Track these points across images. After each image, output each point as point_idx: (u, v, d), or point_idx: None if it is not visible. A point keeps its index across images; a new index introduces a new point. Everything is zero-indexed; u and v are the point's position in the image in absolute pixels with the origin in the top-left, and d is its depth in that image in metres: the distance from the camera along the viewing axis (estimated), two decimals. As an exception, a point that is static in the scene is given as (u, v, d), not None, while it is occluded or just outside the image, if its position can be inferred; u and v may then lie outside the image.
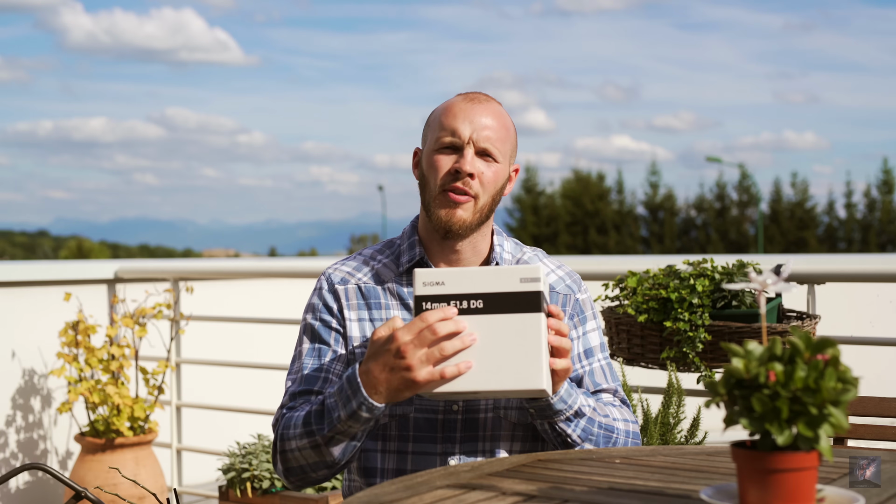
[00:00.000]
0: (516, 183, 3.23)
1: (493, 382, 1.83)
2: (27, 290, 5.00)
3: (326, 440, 1.99)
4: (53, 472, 2.46)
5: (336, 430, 1.96)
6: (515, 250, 2.25)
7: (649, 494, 1.61)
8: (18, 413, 4.87)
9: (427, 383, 1.83)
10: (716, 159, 42.70)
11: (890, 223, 48.24)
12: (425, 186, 2.16)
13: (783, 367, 1.34)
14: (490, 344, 1.83)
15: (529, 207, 50.92)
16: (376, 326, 2.13)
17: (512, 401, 2.11)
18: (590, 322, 2.24)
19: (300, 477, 2.08)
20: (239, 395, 5.52)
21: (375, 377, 1.88)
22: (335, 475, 2.09)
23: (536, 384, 1.83)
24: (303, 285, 5.73)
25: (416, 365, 1.83)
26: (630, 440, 2.14)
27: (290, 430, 2.04)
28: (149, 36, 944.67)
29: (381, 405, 1.91)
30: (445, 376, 1.83)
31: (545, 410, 1.99)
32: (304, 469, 2.06)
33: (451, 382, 1.83)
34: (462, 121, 2.11)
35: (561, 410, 1.99)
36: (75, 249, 71.11)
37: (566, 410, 2.00)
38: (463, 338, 1.83)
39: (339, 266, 2.23)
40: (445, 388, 1.84)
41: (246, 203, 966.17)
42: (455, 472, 1.79)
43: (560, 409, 1.99)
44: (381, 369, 1.87)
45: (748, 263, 3.24)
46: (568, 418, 2.01)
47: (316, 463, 2.03)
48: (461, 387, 1.83)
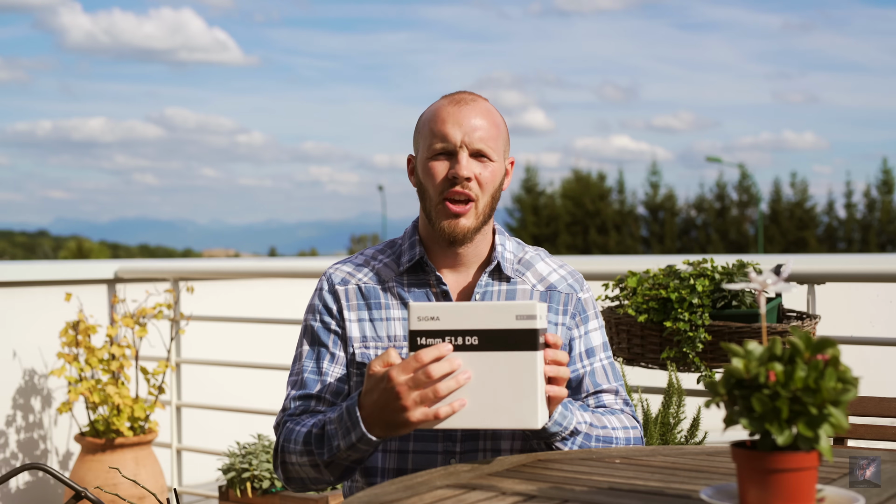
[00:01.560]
0: (517, 183, 3.25)
1: (489, 421, 1.83)
2: (27, 290, 5.00)
3: (326, 464, 2.01)
4: (53, 472, 2.46)
5: (336, 457, 1.98)
6: (517, 250, 2.25)
7: (649, 494, 1.61)
8: (18, 413, 4.87)
9: (420, 423, 1.84)
10: (716, 159, 42.70)
11: (890, 223, 48.24)
12: (424, 194, 2.16)
13: (783, 367, 1.34)
14: (485, 381, 1.82)
15: (529, 207, 50.92)
16: (376, 326, 2.14)
17: None
18: (592, 321, 2.24)
19: (300, 486, 2.12)
20: (239, 395, 5.52)
21: (371, 413, 1.89)
22: (338, 484, 2.11)
23: (531, 423, 1.82)
24: (303, 285, 5.73)
25: (411, 406, 1.82)
26: None
27: (290, 444, 2.06)
28: (148, 36, 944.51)
29: (377, 439, 1.91)
30: (440, 416, 1.82)
31: (539, 433, 1.99)
32: (304, 481, 2.09)
33: (446, 421, 1.83)
34: (452, 125, 2.10)
35: (556, 433, 1.99)
36: (75, 249, 71.10)
37: (562, 432, 1.99)
38: (458, 377, 1.82)
39: (340, 266, 2.23)
40: (441, 426, 1.84)
41: (246, 203, 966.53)
42: (455, 472, 1.79)
43: (555, 432, 1.99)
44: (376, 406, 1.87)
45: (748, 263, 3.24)
46: (563, 438, 2.01)
47: (316, 478, 2.06)
48: (456, 424, 1.83)
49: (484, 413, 1.82)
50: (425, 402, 1.82)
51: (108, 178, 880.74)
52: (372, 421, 1.89)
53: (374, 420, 1.89)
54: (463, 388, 1.81)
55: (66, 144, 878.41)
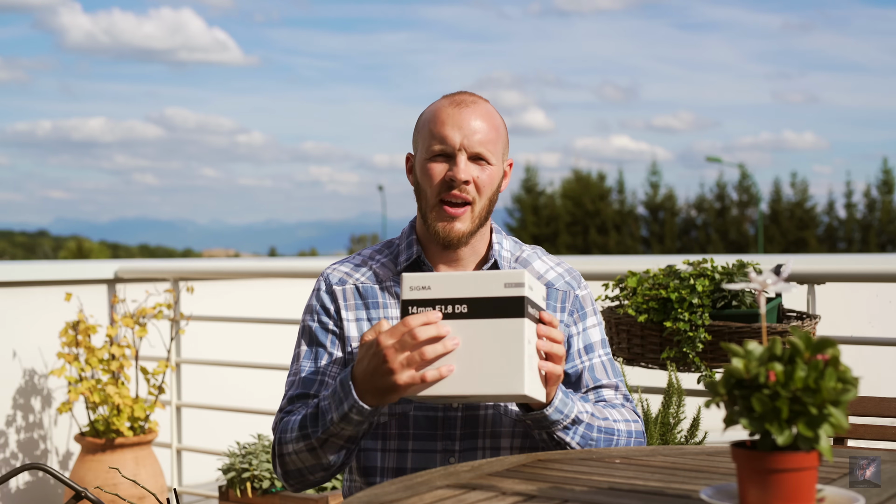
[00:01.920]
0: (516, 183, 3.24)
1: (476, 387, 1.83)
2: (27, 290, 5.00)
3: (321, 442, 2.00)
4: (53, 472, 2.46)
5: (329, 432, 1.97)
6: (514, 248, 2.25)
7: (649, 494, 1.61)
8: (19, 413, 4.88)
9: (408, 386, 1.84)
10: (716, 159, 42.70)
11: (890, 223, 48.24)
12: (421, 195, 2.16)
13: (783, 367, 1.34)
14: (473, 348, 1.83)
15: (529, 207, 50.92)
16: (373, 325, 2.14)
17: None
18: (590, 318, 2.23)
19: (298, 479, 2.10)
20: (239, 395, 5.52)
21: (363, 380, 1.90)
22: (333, 477, 2.10)
23: (518, 389, 1.82)
24: (303, 285, 5.73)
25: (398, 368, 1.83)
26: (633, 440, 2.13)
27: (286, 434, 2.06)
28: (148, 36, 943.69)
29: (370, 407, 1.91)
30: (426, 380, 1.83)
31: (541, 422, 1.99)
32: (302, 472, 2.08)
33: (435, 386, 1.84)
34: (451, 127, 2.10)
35: (557, 420, 1.98)
36: (75, 249, 71.10)
37: (563, 420, 1.99)
38: (445, 342, 1.83)
39: (338, 266, 2.23)
40: (430, 392, 1.84)
41: (246, 203, 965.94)
42: (455, 472, 1.79)
43: (556, 420, 1.98)
44: (366, 372, 1.89)
45: (748, 263, 3.24)
46: (566, 427, 2.00)
47: (313, 466, 2.05)
48: (444, 391, 1.84)
49: (472, 379, 1.83)
50: (412, 364, 1.83)
51: (108, 178, 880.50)
52: (364, 388, 1.90)
53: (365, 388, 1.90)
54: (452, 354, 1.83)
55: (65, 144, 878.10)
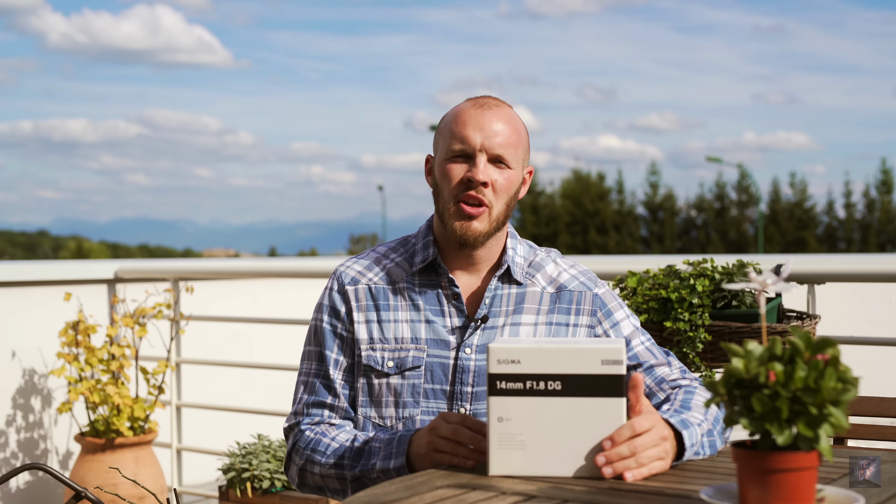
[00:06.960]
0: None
1: (574, 468, 1.76)
2: (27, 290, 5.00)
3: (354, 478, 2.03)
4: (53, 472, 2.46)
5: (367, 474, 2.01)
6: (528, 253, 2.23)
7: (649, 494, 1.61)
8: (18, 413, 4.87)
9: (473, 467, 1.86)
10: (716, 159, 42.71)
11: (889, 223, 48.24)
12: (439, 195, 2.15)
13: (783, 367, 1.35)
14: (568, 428, 1.75)
15: (529, 207, 50.93)
16: (383, 328, 2.14)
17: None
18: (617, 312, 2.19)
19: (313, 490, 2.15)
20: (239, 395, 5.52)
21: (416, 452, 1.95)
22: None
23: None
24: (303, 285, 5.73)
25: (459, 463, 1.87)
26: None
27: (317, 455, 2.07)
28: (129, 37, 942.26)
29: (414, 472, 1.94)
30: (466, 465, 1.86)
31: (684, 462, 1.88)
32: (322, 489, 2.12)
33: (533, 465, 1.76)
34: (472, 128, 2.09)
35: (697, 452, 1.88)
36: (75, 249, 71.11)
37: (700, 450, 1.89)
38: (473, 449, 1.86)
39: (352, 265, 2.22)
40: (524, 472, 1.76)
41: (245, 203, 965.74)
42: (455, 472, 1.79)
43: (696, 452, 1.88)
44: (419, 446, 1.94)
45: (748, 263, 3.24)
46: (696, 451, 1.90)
47: (336, 490, 2.09)
48: (542, 471, 1.76)
49: (571, 461, 1.75)
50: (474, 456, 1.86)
51: (97, 177, 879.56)
52: (416, 458, 1.95)
53: (418, 457, 1.95)
54: (545, 433, 1.75)
55: (48, 144, 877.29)
